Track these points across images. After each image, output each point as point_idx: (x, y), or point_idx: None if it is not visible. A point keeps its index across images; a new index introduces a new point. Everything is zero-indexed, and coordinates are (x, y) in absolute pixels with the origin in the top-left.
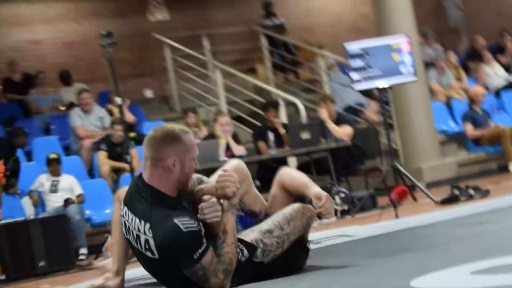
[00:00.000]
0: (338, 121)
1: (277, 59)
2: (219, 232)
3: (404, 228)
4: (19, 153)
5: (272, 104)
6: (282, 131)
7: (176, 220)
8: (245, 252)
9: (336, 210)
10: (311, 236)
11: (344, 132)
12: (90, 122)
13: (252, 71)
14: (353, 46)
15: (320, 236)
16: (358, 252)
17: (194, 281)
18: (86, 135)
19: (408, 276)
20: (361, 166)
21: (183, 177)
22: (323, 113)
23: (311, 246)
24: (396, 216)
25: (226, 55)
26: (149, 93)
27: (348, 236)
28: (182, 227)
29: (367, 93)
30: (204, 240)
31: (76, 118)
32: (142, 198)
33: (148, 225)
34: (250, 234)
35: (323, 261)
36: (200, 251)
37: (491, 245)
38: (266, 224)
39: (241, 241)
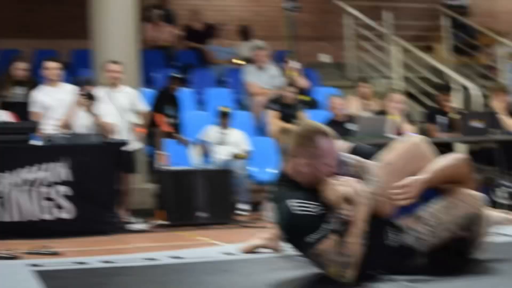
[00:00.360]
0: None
1: (456, 40)
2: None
3: None
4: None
5: (445, 87)
6: (454, 115)
7: (291, 202)
8: (393, 236)
9: (495, 204)
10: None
11: None
12: (263, 79)
13: (429, 49)
14: None
15: None
16: None
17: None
18: (257, 92)
19: None
20: None
21: (314, 178)
22: (496, 104)
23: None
24: None
25: (405, 30)
26: (325, 58)
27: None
28: (294, 208)
29: None
30: (324, 227)
31: (250, 75)
32: (278, 184)
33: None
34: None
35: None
36: (314, 236)
37: None
38: (422, 210)
39: (390, 224)
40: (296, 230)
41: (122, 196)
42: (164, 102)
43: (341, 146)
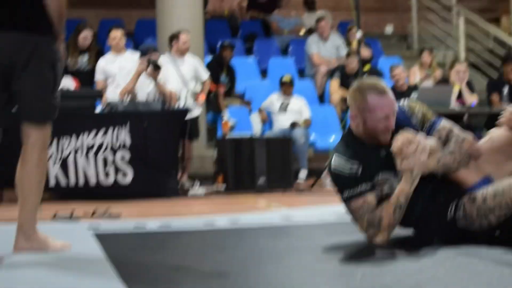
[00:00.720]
0: None
1: None
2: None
3: None
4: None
5: (510, 57)
6: None
7: (333, 157)
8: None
9: None
10: None
11: None
12: (326, 49)
13: (496, 21)
14: None
15: None
16: None
17: None
18: (320, 62)
19: None
20: None
21: (368, 132)
22: None
23: None
24: None
25: (472, 1)
26: (388, 29)
27: None
28: (332, 164)
29: None
30: (358, 186)
31: (313, 45)
32: (341, 137)
33: None
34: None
35: None
36: (347, 194)
37: None
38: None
39: (459, 196)
40: (335, 184)
41: (183, 162)
42: (219, 70)
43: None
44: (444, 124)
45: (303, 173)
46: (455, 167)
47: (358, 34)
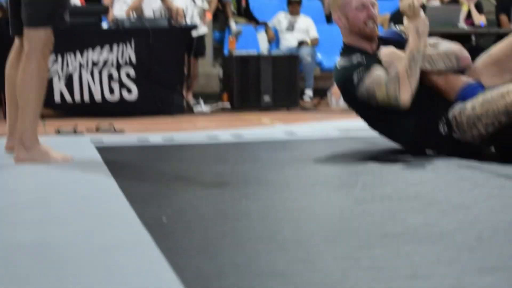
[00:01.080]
0: None
1: None
2: None
3: None
4: None
5: None
6: None
7: (336, 63)
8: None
9: None
10: None
11: None
12: None
13: None
14: None
15: None
16: None
17: (373, 106)
18: None
19: None
20: None
21: (356, 28)
22: None
23: None
24: None
25: None
26: None
27: None
28: (337, 65)
29: None
30: (362, 65)
31: None
32: (340, 54)
33: None
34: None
35: None
36: (357, 76)
37: None
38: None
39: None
40: (345, 80)
41: (189, 79)
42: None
43: None
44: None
45: (309, 92)
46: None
47: None
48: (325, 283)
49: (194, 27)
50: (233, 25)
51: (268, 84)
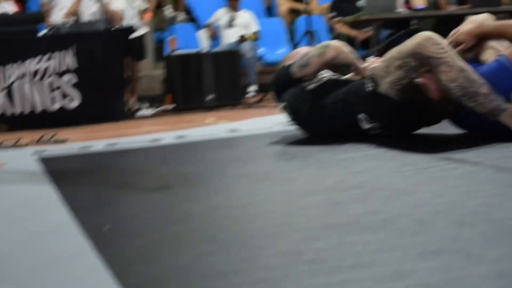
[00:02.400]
0: None
1: None
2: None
3: None
4: None
5: None
6: None
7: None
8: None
9: None
10: None
11: None
12: None
13: None
14: None
15: None
16: None
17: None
18: None
19: None
20: None
21: None
22: None
23: None
24: None
25: None
26: None
27: None
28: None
29: None
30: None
31: None
32: None
33: None
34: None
35: None
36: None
37: None
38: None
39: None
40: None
41: (130, 83)
42: None
43: None
44: None
45: (252, 88)
46: None
47: None
48: (267, 280)
49: (132, 29)
50: (168, 11)
51: (211, 82)
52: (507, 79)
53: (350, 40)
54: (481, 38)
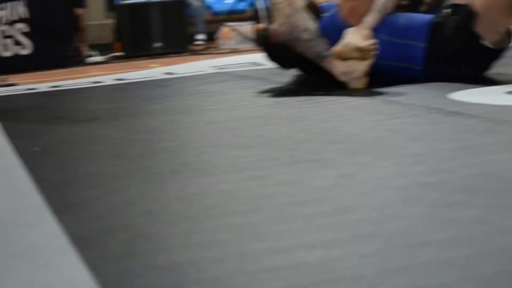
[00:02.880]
0: None
1: None
2: None
3: None
4: None
5: None
6: None
7: None
8: None
9: None
10: None
11: None
12: None
13: None
14: None
15: None
16: None
17: None
18: None
19: (449, 89)
20: None
21: None
22: None
23: None
24: None
25: None
26: None
27: None
28: None
29: None
30: None
31: None
32: None
33: None
34: None
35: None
36: None
37: None
38: None
39: None
40: None
41: (80, 31)
42: None
43: None
44: None
45: (200, 36)
46: None
47: None
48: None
49: None
50: None
51: (159, 30)
52: (334, 33)
53: None
54: None
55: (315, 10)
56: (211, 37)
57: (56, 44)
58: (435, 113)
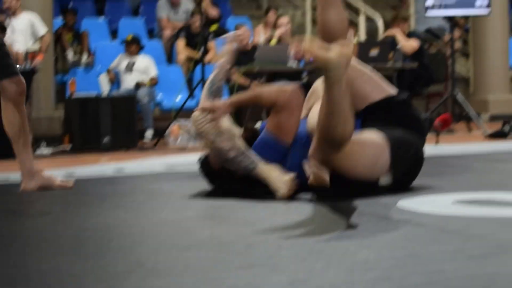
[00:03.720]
0: (408, 36)
1: None
2: None
3: (431, 154)
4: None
5: None
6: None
7: None
8: None
9: None
10: None
11: (409, 45)
12: (177, 14)
13: None
14: None
15: None
16: None
17: None
18: (168, 27)
19: (398, 197)
20: (425, 89)
21: None
22: (395, 30)
23: None
24: (436, 142)
25: None
26: None
27: None
28: None
29: (451, 19)
30: None
31: (162, 10)
32: None
33: None
34: None
35: None
36: None
37: (496, 181)
38: None
39: None
40: None
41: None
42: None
43: None
44: None
45: (148, 133)
46: None
47: None
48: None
49: (34, 70)
50: (71, 55)
51: (108, 125)
52: (270, 152)
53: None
54: (238, 107)
55: (251, 132)
56: (161, 134)
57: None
58: (384, 221)
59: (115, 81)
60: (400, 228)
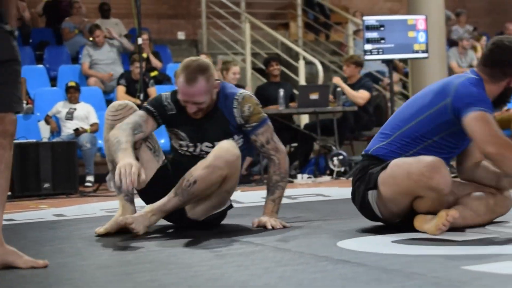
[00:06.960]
0: (357, 84)
1: (310, 18)
2: None
3: None
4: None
5: (274, 59)
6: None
7: None
8: None
9: (332, 171)
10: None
11: (360, 96)
12: (100, 58)
13: (286, 27)
14: (371, 18)
15: (298, 193)
16: (318, 211)
17: None
18: (88, 73)
19: (338, 237)
20: (366, 132)
21: None
22: (338, 79)
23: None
24: None
25: (262, 7)
26: (180, 35)
27: (323, 195)
28: None
29: (390, 63)
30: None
31: (85, 55)
32: None
33: None
34: None
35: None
36: None
37: None
38: None
39: None
40: None
41: None
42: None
43: None
44: (263, 131)
45: (90, 178)
46: None
47: (140, 40)
48: None
49: None
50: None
51: (48, 171)
52: None
53: None
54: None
55: None
56: (102, 179)
57: None
58: (323, 261)
59: (56, 129)
60: (339, 268)
